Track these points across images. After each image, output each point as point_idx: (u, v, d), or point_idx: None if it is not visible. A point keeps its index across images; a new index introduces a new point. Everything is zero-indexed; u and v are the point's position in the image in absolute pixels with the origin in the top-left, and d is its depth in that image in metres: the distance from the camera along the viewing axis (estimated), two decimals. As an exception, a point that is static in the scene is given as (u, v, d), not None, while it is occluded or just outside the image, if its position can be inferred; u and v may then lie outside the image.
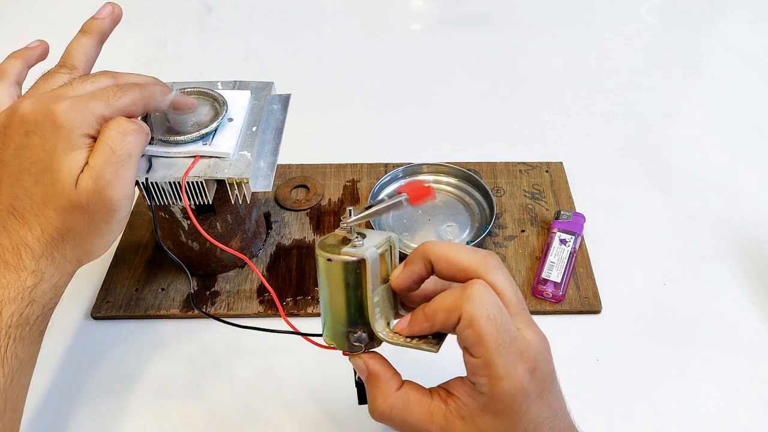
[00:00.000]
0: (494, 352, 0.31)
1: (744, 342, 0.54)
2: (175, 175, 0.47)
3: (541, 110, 0.79)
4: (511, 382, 0.32)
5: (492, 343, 0.31)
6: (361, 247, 0.34)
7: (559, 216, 0.61)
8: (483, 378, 0.32)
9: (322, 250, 0.35)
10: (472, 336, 0.32)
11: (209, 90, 0.52)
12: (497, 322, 0.32)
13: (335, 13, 1.02)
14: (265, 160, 0.51)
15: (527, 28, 0.95)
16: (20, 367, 0.39)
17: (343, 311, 0.35)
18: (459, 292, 0.33)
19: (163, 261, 0.60)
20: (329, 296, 0.35)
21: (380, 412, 0.35)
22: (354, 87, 0.84)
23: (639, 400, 0.50)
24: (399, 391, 0.36)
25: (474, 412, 0.33)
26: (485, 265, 0.34)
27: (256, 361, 0.53)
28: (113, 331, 0.56)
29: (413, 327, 0.35)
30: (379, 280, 0.35)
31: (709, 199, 0.66)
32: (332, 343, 0.37)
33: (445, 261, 0.34)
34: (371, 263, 0.34)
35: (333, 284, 0.35)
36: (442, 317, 0.33)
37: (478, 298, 0.32)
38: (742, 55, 0.88)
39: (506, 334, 0.32)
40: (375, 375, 0.36)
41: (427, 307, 0.34)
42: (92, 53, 0.47)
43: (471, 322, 0.32)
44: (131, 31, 0.97)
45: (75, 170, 0.39)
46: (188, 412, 0.50)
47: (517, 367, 0.32)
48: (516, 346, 0.32)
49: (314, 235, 0.62)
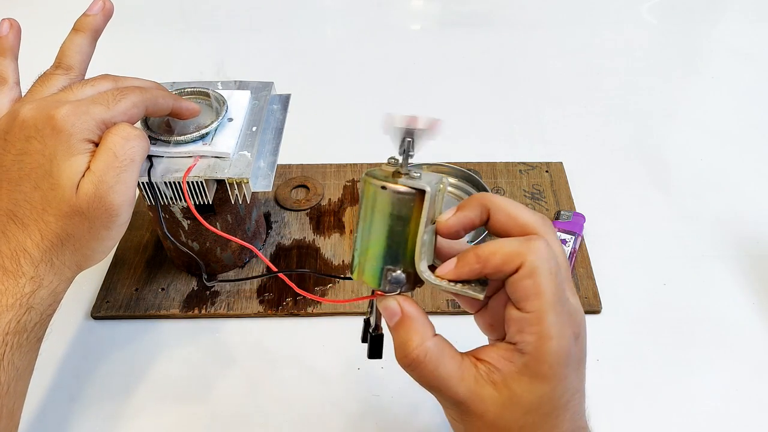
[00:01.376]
0: (549, 308, 0.30)
1: (744, 342, 0.54)
2: (175, 175, 0.47)
3: (541, 110, 0.79)
4: (561, 342, 0.31)
5: (550, 298, 0.30)
6: (419, 180, 0.32)
7: (559, 216, 0.61)
8: (531, 335, 0.31)
9: (374, 178, 0.33)
10: (531, 287, 0.31)
11: (209, 90, 0.52)
12: (557, 279, 0.31)
13: (335, 13, 1.02)
14: (265, 160, 0.51)
15: (527, 28, 0.95)
16: (17, 374, 0.38)
17: (387, 245, 0.33)
18: (520, 242, 0.31)
19: (163, 261, 0.60)
20: (373, 228, 0.33)
21: (413, 357, 0.33)
22: (354, 87, 0.84)
23: (639, 400, 0.50)
24: (436, 337, 0.33)
25: (508, 377, 0.32)
26: (543, 225, 0.33)
27: (257, 360, 0.53)
28: (113, 331, 0.56)
29: (461, 268, 0.33)
30: (430, 218, 0.33)
31: (709, 199, 0.66)
32: (365, 280, 0.34)
33: (504, 213, 0.33)
34: (430, 197, 0.32)
35: (381, 215, 0.33)
36: (499, 261, 0.31)
37: (543, 251, 0.31)
38: (742, 55, 0.88)
39: (562, 293, 0.31)
40: (410, 318, 0.33)
41: (480, 248, 0.32)
42: (87, 52, 0.46)
43: (533, 271, 0.30)
44: (131, 32, 0.97)
45: (76, 175, 0.39)
46: (188, 412, 0.50)
47: (566, 329, 0.31)
48: (567, 308, 0.32)
49: (314, 235, 0.62)
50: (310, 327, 0.55)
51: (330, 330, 0.55)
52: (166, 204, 0.50)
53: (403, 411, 0.50)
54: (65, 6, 0.61)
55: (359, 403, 0.50)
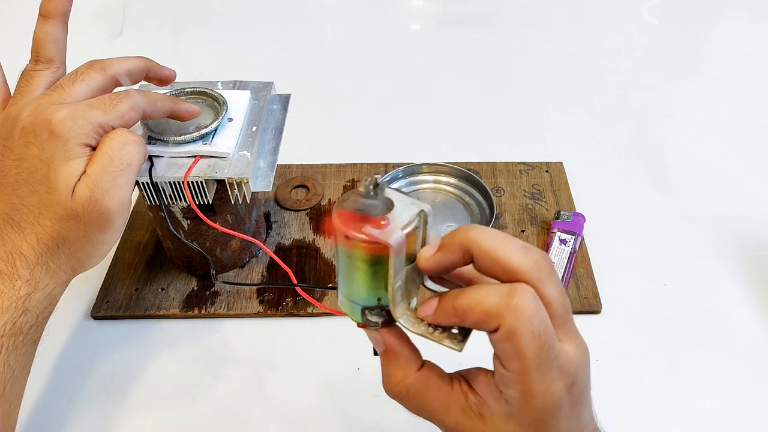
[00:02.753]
0: (533, 370, 0.28)
1: (744, 342, 0.54)
2: (175, 174, 0.47)
3: (541, 110, 0.79)
4: (546, 399, 0.29)
5: (532, 361, 0.28)
6: (387, 228, 0.29)
7: (559, 216, 0.61)
8: (514, 392, 0.30)
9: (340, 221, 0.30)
10: (511, 350, 0.28)
11: (209, 90, 0.52)
12: (541, 340, 0.28)
13: (335, 13, 1.02)
14: (265, 160, 0.51)
15: (527, 28, 0.95)
16: (13, 376, 0.38)
17: (361, 289, 0.31)
18: (501, 296, 0.28)
19: (163, 261, 0.60)
20: (348, 269, 0.31)
21: (396, 392, 0.32)
22: (354, 87, 0.84)
23: (639, 401, 0.50)
24: (419, 372, 0.32)
25: (496, 415, 0.31)
26: (538, 271, 0.29)
27: (257, 360, 0.53)
28: (113, 331, 0.56)
29: (439, 318, 0.31)
30: (404, 263, 0.30)
31: (709, 199, 0.66)
32: (346, 313, 0.33)
33: (490, 258, 0.29)
34: (395, 251, 0.29)
35: (351, 260, 0.30)
36: (477, 318, 0.29)
37: (525, 311, 0.28)
38: (742, 55, 0.88)
39: (549, 351, 0.29)
40: (394, 352, 0.33)
41: (458, 300, 0.30)
42: (61, 39, 0.45)
43: (512, 335, 0.28)
44: (131, 32, 0.97)
45: (71, 179, 0.39)
46: (188, 412, 0.50)
47: (554, 384, 0.29)
48: (557, 363, 0.29)
49: (314, 235, 0.62)
50: (310, 327, 0.55)
51: (330, 330, 0.55)
52: (167, 204, 0.50)
53: (403, 411, 0.49)
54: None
55: (359, 403, 0.50)
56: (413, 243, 0.31)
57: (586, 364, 0.31)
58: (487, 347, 0.31)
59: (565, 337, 0.31)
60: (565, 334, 0.31)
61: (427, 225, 0.31)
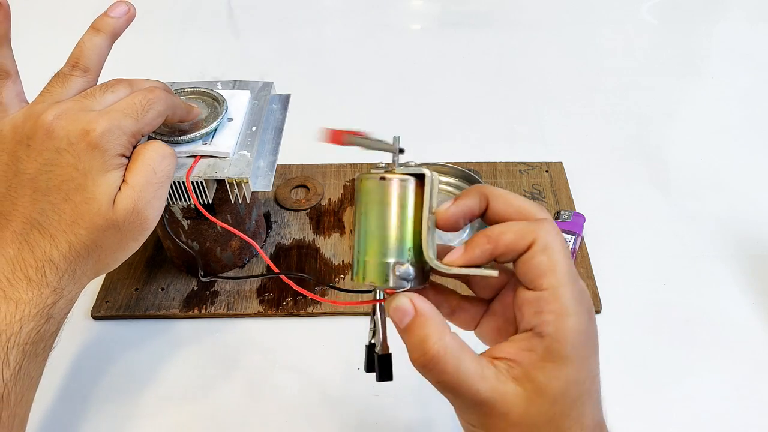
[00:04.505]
0: (565, 284, 0.30)
1: (744, 342, 0.54)
2: (176, 174, 0.47)
3: (541, 110, 0.79)
4: (579, 319, 0.30)
5: (565, 273, 0.30)
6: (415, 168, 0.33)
7: (559, 216, 0.61)
8: (549, 314, 0.30)
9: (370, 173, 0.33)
10: (546, 263, 0.30)
11: (209, 90, 0.52)
12: (568, 257, 0.31)
13: (335, 13, 1.02)
14: (265, 160, 0.51)
15: (527, 28, 0.95)
16: (30, 384, 0.38)
17: (391, 239, 0.32)
18: (529, 221, 0.32)
19: (163, 261, 0.60)
20: (375, 223, 0.32)
21: (433, 353, 0.30)
22: (354, 87, 0.84)
23: (639, 400, 0.50)
24: (454, 333, 0.32)
25: (530, 367, 0.30)
26: (541, 211, 0.32)
27: (257, 360, 0.53)
28: (113, 331, 0.56)
29: (471, 252, 0.32)
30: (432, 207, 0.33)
31: (709, 199, 0.66)
32: (370, 280, 0.32)
33: (503, 200, 0.33)
34: (430, 180, 0.32)
35: (381, 208, 0.32)
36: (511, 239, 0.31)
37: (554, 228, 0.31)
38: (742, 55, 0.88)
39: (574, 269, 0.31)
40: (424, 315, 0.31)
41: (490, 230, 0.32)
42: (104, 54, 0.45)
43: (546, 246, 0.30)
44: (131, 31, 0.97)
45: (112, 190, 0.39)
46: (189, 412, 0.50)
47: (581, 306, 0.30)
48: (579, 285, 0.31)
49: (314, 235, 0.62)
50: (310, 327, 0.55)
51: (330, 330, 0.55)
52: (166, 204, 0.50)
53: (403, 411, 0.50)
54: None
55: (359, 403, 0.50)
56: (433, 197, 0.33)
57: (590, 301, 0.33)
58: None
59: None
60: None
61: (437, 188, 0.33)
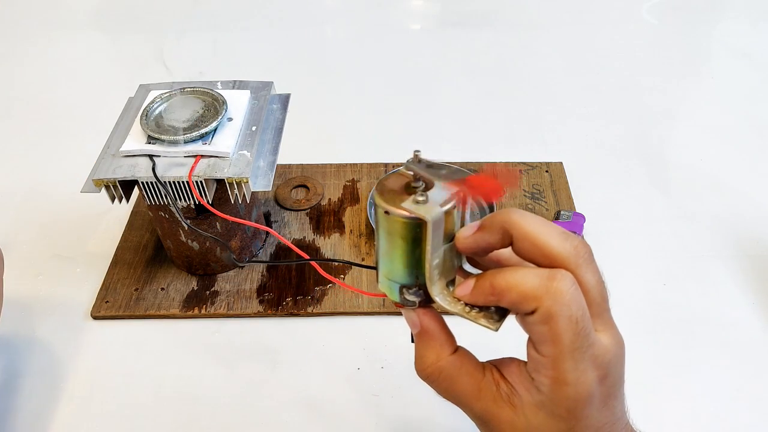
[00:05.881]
0: (567, 356, 0.28)
1: (744, 342, 0.54)
2: (175, 174, 0.47)
3: (541, 110, 0.79)
4: (578, 389, 0.29)
5: (567, 347, 0.28)
6: (424, 204, 0.29)
7: (559, 216, 0.61)
8: (546, 378, 0.29)
9: (380, 198, 0.30)
10: (546, 334, 0.28)
11: (209, 90, 0.52)
12: (578, 326, 0.28)
13: (335, 13, 1.02)
14: (265, 160, 0.51)
15: (527, 28, 0.95)
16: None
17: (399, 266, 0.32)
18: (541, 278, 0.28)
19: (163, 261, 0.60)
20: (387, 248, 0.32)
21: (428, 373, 0.32)
22: (354, 87, 0.84)
23: (639, 400, 0.50)
24: (452, 356, 0.32)
25: (527, 405, 0.30)
26: (576, 257, 0.29)
27: (257, 360, 0.53)
28: (113, 331, 0.56)
29: (476, 296, 0.30)
30: (441, 241, 0.31)
31: (709, 199, 0.66)
32: (384, 292, 0.34)
33: (530, 242, 0.29)
34: (432, 226, 0.29)
35: (390, 236, 0.31)
36: (514, 298, 0.29)
37: (564, 295, 0.28)
38: (742, 55, 0.88)
39: (585, 339, 0.28)
40: (428, 333, 0.32)
41: (497, 279, 0.29)
42: None
43: (549, 318, 0.28)
44: (132, 31, 0.97)
45: None
46: (188, 412, 0.50)
47: (587, 374, 0.29)
48: (591, 352, 0.29)
49: (314, 234, 0.62)
50: (310, 327, 0.55)
51: (330, 330, 0.55)
52: (166, 204, 0.50)
53: (403, 411, 0.50)
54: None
55: (359, 403, 0.50)
56: (451, 222, 0.31)
57: (621, 356, 0.31)
58: (520, 337, 0.31)
59: (601, 327, 0.30)
60: (602, 324, 0.30)
61: (466, 205, 0.31)
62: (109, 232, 0.63)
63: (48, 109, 0.81)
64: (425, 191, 0.30)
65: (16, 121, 0.80)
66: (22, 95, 0.85)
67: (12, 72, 0.90)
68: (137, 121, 0.51)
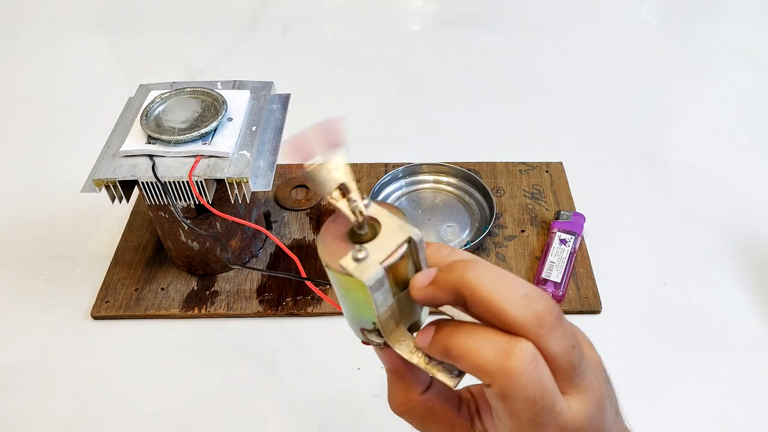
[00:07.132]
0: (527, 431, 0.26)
1: (744, 342, 0.54)
2: (176, 174, 0.47)
3: (541, 110, 0.79)
4: None
5: (525, 424, 0.26)
6: (364, 261, 0.26)
7: (559, 216, 0.61)
8: None
9: (321, 248, 0.27)
10: (502, 411, 0.26)
11: (209, 90, 0.52)
12: (537, 405, 0.25)
13: (335, 13, 1.02)
14: (265, 160, 0.51)
15: (527, 28, 0.95)
16: None
17: (352, 313, 0.29)
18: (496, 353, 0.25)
19: (163, 261, 0.60)
20: (337, 294, 0.29)
21: (399, 412, 0.31)
22: (354, 87, 0.84)
23: (639, 400, 0.50)
24: (423, 395, 0.30)
25: None
26: (539, 326, 0.25)
27: (256, 360, 0.53)
28: (113, 331, 0.56)
29: (432, 352, 0.28)
30: (390, 293, 0.27)
31: (709, 199, 0.66)
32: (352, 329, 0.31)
33: (484, 308, 0.25)
34: (372, 288, 0.26)
35: (337, 287, 0.28)
36: (468, 369, 0.26)
37: (519, 376, 0.25)
38: (742, 55, 0.88)
39: (547, 414, 0.26)
40: (397, 372, 0.31)
41: (451, 342, 0.27)
42: None
43: (504, 398, 0.25)
44: (132, 31, 0.97)
45: None
46: (188, 412, 0.50)
47: None
48: (557, 423, 0.26)
49: (314, 234, 0.62)
50: (310, 327, 0.55)
51: (330, 330, 0.55)
52: (166, 204, 0.50)
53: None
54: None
55: (359, 403, 0.50)
56: (404, 269, 0.27)
57: (597, 417, 0.28)
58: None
59: (572, 390, 0.27)
60: (572, 387, 0.27)
61: (418, 250, 0.28)
62: (109, 232, 0.63)
63: (48, 109, 0.81)
64: (371, 239, 0.27)
65: (16, 121, 0.80)
66: (22, 95, 0.85)
67: (12, 72, 0.89)
68: (137, 121, 0.51)
